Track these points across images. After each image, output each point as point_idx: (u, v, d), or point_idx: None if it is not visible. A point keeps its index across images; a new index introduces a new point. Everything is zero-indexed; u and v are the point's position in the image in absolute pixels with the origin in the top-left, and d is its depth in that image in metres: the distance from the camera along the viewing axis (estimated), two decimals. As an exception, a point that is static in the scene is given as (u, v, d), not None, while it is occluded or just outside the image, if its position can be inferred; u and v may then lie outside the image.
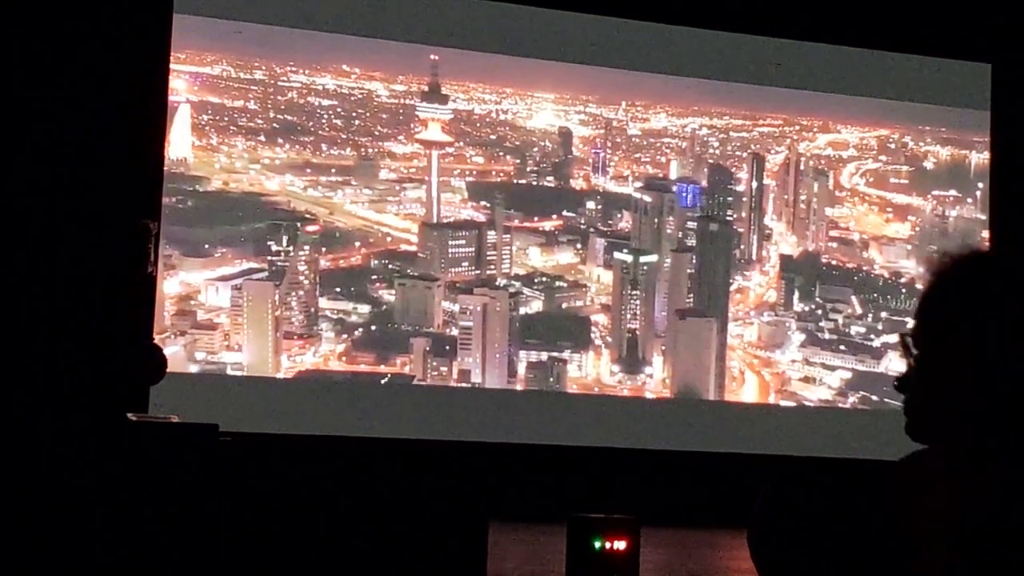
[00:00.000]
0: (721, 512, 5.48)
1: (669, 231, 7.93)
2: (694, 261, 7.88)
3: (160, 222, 6.20)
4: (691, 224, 7.96)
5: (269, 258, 7.24)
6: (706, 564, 6.13)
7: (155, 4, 7.01)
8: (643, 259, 7.76)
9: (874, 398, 7.91)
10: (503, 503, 4.87)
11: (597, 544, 4.79)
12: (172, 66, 7.12)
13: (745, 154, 8.23)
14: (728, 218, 8.07)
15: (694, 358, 7.72)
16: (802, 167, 8.34)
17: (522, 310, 7.61)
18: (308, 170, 7.56)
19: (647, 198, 7.94)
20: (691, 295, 7.84)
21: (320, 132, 7.65)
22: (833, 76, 8.08)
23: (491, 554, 3.78)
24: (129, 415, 4.08)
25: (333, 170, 7.64)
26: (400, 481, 2.35)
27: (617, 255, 7.76)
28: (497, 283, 7.64)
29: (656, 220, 7.90)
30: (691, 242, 7.94)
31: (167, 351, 6.63)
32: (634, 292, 7.69)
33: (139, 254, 4.67)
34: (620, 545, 4.84)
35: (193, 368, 6.97)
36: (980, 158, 8.54)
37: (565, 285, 7.75)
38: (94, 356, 4.61)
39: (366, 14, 7.53)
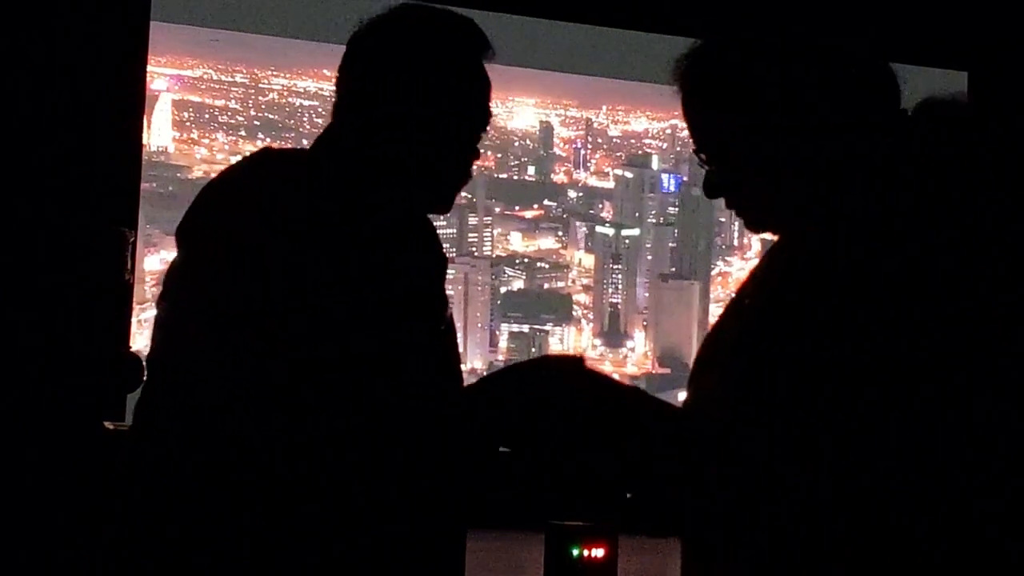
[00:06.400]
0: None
1: (651, 205, 7.96)
2: (676, 235, 7.90)
3: (138, 206, 6.23)
4: (672, 209, 8.00)
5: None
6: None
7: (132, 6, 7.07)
8: (625, 232, 7.79)
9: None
10: (481, 510, 4.83)
11: (575, 552, 4.78)
12: (153, 68, 7.19)
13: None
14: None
15: (677, 321, 7.72)
16: (783, 160, 8.38)
17: (503, 288, 7.64)
18: (289, 163, 7.59)
19: (628, 174, 7.99)
20: (673, 268, 7.85)
21: (301, 129, 7.70)
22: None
23: (469, 562, 3.77)
24: (106, 423, 4.06)
25: (315, 162, 7.68)
26: (376, 487, 2.31)
27: (599, 229, 7.80)
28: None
29: (638, 196, 7.93)
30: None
31: (146, 317, 6.63)
32: (616, 266, 7.72)
33: (115, 261, 4.68)
34: (598, 553, 4.84)
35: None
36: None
37: (547, 266, 7.78)
38: (70, 364, 4.61)
39: (347, 24, 7.60)
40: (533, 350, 7.50)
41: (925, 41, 8.02)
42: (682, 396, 1.83)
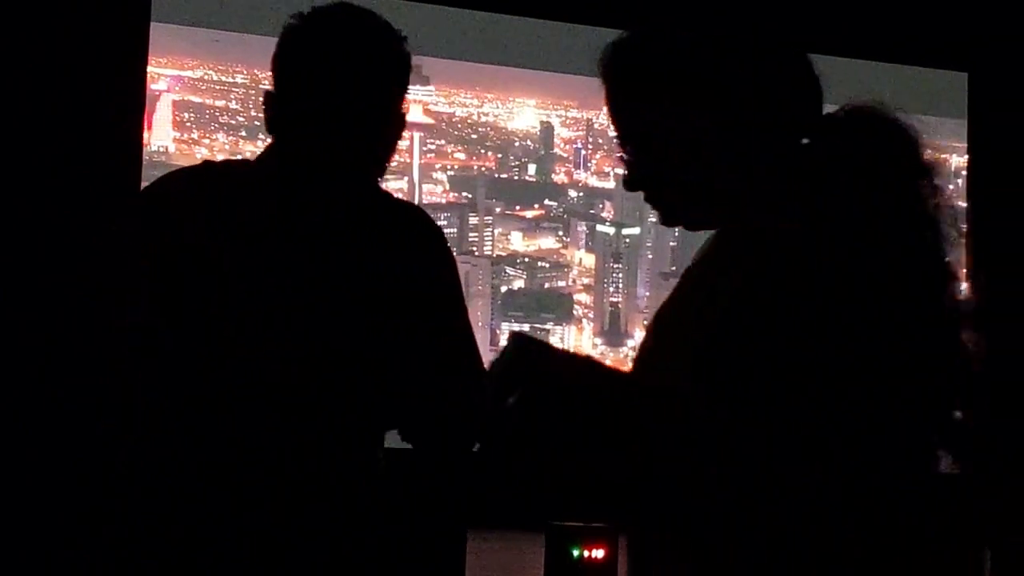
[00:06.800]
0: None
1: (651, 204, 7.96)
2: (676, 234, 7.90)
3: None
4: (673, 209, 8.00)
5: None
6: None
7: (132, 6, 7.07)
8: (625, 231, 7.79)
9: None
10: (481, 510, 4.82)
11: (575, 552, 4.78)
12: (153, 69, 7.18)
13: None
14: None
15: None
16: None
17: (504, 288, 7.64)
18: (290, 163, 7.59)
19: (629, 173, 7.99)
20: (674, 267, 7.85)
21: (301, 129, 7.67)
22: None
23: (469, 562, 3.76)
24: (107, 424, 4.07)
25: (315, 163, 7.67)
26: (375, 487, 2.29)
27: (600, 228, 7.80)
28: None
29: (638, 195, 7.93)
30: (674, 223, 7.98)
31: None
32: (616, 265, 7.71)
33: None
34: (598, 554, 4.84)
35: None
36: (959, 160, 8.54)
37: (547, 265, 7.78)
38: (70, 364, 4.61)
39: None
40: (534, 349, 7.51)
41: (925, 41, 8.01)
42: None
